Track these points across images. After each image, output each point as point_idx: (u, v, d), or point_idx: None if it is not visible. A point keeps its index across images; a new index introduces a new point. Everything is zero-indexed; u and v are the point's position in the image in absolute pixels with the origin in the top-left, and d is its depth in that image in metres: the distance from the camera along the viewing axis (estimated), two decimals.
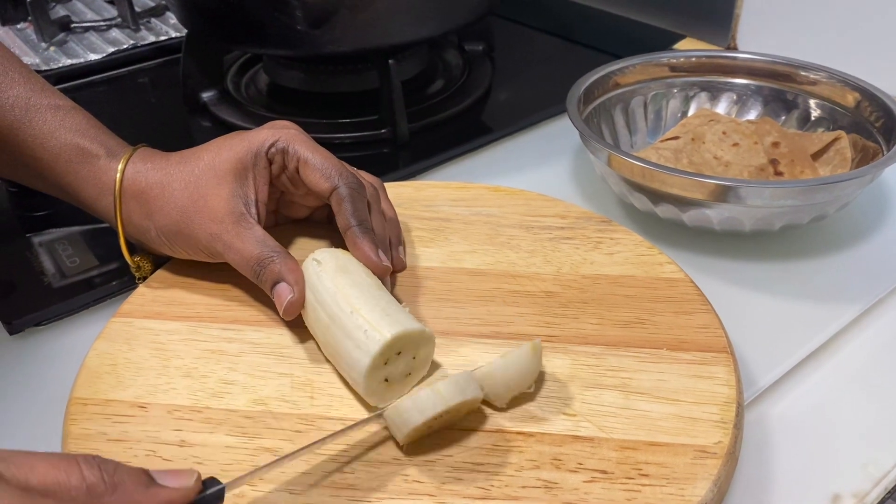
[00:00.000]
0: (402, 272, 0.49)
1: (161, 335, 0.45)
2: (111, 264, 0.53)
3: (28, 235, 0.57)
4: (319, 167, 0.46)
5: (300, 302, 0.43)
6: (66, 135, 0.48)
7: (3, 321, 0.50)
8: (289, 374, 0.42)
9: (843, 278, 0.53)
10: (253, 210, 0.46)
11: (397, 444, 0.38)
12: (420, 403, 0.35)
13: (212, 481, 0.31)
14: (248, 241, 0.45)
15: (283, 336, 0.45)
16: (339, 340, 0.39)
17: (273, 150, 0.47)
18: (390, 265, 0.45)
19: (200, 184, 0.46)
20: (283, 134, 0.47)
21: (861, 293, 0.51)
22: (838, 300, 0.51)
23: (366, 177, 0.50)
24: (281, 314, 0.43)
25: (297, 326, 0.45)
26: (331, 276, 0.42)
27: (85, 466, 0.28)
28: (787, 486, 0.39)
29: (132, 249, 0.50)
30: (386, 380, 0.39)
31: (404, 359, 0.39)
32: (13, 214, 0.61)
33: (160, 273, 0.50)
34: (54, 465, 0.27)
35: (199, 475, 0.31)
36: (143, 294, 0.48)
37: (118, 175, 0.48)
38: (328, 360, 0.43)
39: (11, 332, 0.49)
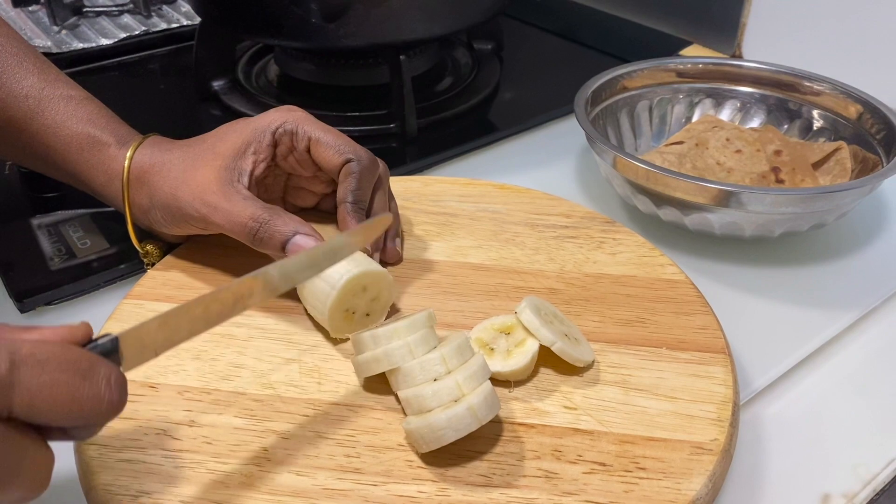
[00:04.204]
0: (410, 265, 0.50)
1: None
2: (121, 246, 0.54)
3: (39, 216, 0.58)
4: (332, 144, 0.47)
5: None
6: (78, 124, 0.49)
7: (14, 300, 0.50)
8: (297, 360, 0.43)
9: (839, 286, 0.54)
10: (245, 179, 0.46)
11: (416, 452, 0.38)
12: (456, 423, 0.36)
13: (106, 336, 0.31)
14: (236, 202, 0.45)
15: (292, 323, 0.46)
16: (315, 284, 0.43)
17: (280, 130, 0.48)
18: (371, 248, 0.47)
19: (197, 162, 0.47)
20: (290, 116, 0.48)
21: (856, 301, 0.52)
22: (834, 307, 0.52)
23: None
24: None
25: (305, 314, 0.46)
26: None
27: None
28: (779, 485, 0.40)
29: (141, 236, 0.51)
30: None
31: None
32: (24, 196, 0.62)
33: (170, 258, 0.51)
34: None
35: (87, 324, 0.31)
36: (153, 277, 0.49)
37: (126, 162, 0.48)
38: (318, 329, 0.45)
39: (22, 311, 0.50)
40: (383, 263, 0.49)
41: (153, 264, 0.51)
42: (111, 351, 0.31)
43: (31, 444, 0.28)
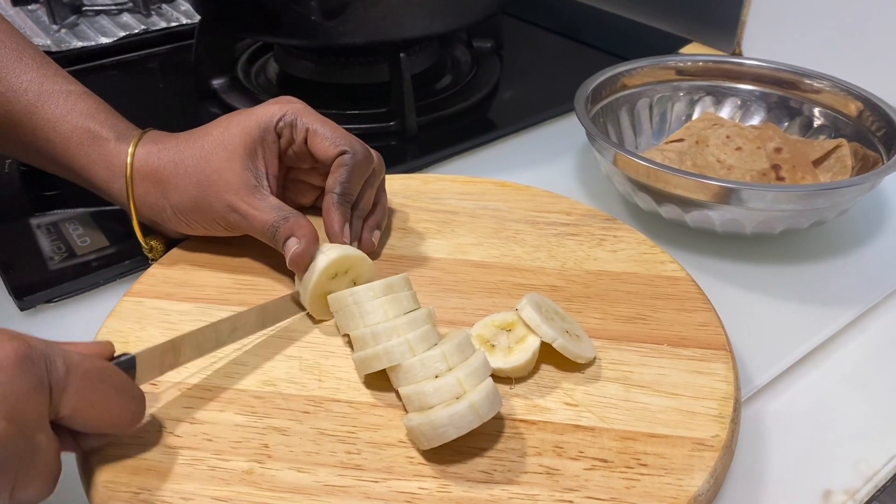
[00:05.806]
0: (411, 262, 0.50)
1: (172, 315, 0.46)
2: (121, 244, 0.54)
3: (38, 215, 0.58)
4: (328, 136, 0.48)
5: (305, 252, 0.44)
6: (78, 118, 0.49)
7: (14, 297, 0.50)
8: (297, 357, 0.43)
9: (840, 283, 0.54)
10: (265, 182, 0.48)
11: (417, 449, 0.38)
12: (457, 420, 0.35)
13: (125, 355, 0.36)
14: (265, 209, 0.46)
15: (293, 320, 0.46)
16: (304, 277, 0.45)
17: (281, 123, 0.48)
18: (348, 241, 0.47)
19: (212, 159, 0.47)
20: (289, 108, 0.49)
21: (857, 298, 0.52)
22: (835, 304, 0.52)
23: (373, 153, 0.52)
24: (288, 265, 0.45)
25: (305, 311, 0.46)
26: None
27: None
28: (780, 481, 0.40)
29: (144, 231, 0.51)
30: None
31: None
32: (24, 194, 0.62)
33: (171, 255, 0.51)
34: None
35: (111, 342, 0.36)
36: (153, 275, 0.49)
37: (129, 158, 0.48)
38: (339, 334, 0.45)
39: (22, 309, 0.50)
40: None
41: (157, 259, 0.51)
42: (129, 367, 0.35)
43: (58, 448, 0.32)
